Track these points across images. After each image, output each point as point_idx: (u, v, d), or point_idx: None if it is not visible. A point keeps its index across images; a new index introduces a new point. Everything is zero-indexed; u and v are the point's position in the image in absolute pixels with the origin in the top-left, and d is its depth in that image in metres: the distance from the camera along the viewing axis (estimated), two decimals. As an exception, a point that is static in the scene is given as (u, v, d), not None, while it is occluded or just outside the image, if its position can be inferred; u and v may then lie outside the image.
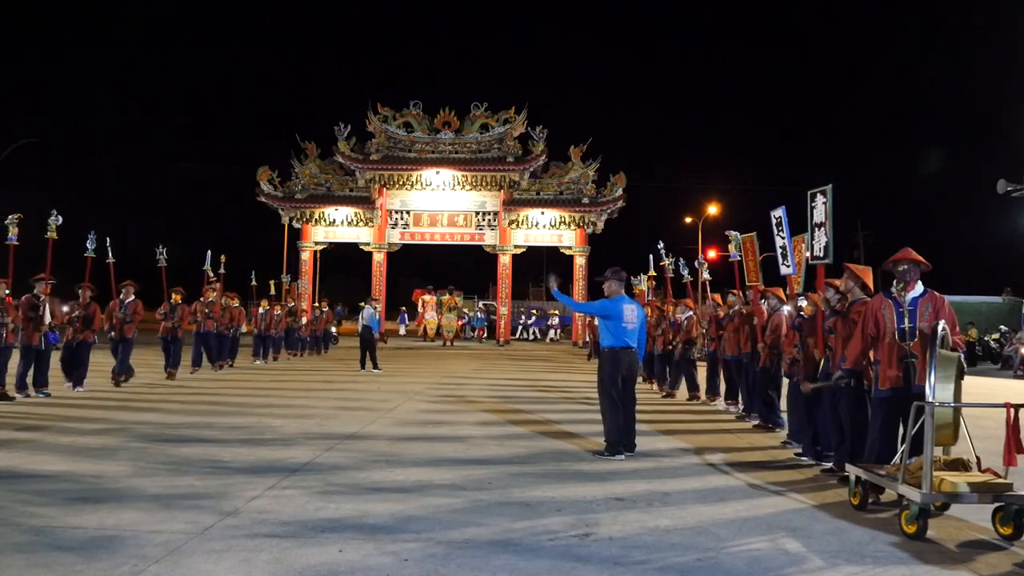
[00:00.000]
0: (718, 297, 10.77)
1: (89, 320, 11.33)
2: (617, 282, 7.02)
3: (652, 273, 16.59)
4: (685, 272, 12.87)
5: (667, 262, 13.49)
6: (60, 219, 11.41)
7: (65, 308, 11.08)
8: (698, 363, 11.97)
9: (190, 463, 5.98)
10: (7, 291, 10.00)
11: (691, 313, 11.68)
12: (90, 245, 12.11)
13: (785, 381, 7.76)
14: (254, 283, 20.16)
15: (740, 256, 10.02)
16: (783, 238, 8.20)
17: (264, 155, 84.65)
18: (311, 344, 21.67)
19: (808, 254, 7.28)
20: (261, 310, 17.70)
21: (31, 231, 11.18)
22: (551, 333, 35.72)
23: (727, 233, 10.32)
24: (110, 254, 12.50)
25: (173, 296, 13.56)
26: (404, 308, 38.43)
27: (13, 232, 10.66)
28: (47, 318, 10.32)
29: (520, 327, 35.67)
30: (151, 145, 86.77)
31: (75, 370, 11.18)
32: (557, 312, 37.01)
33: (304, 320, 20.62)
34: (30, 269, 10.69)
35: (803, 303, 7.24)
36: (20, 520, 4.33)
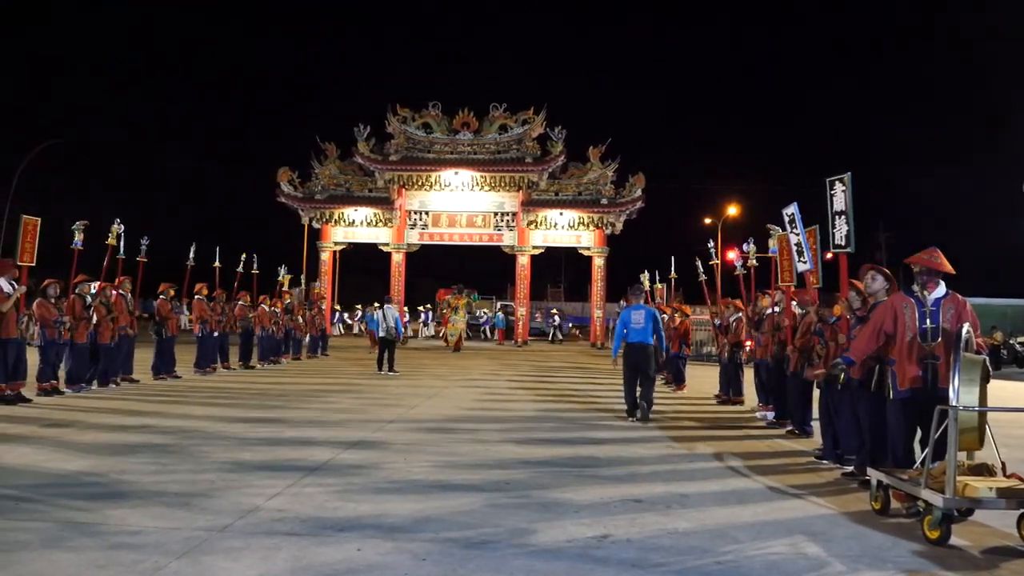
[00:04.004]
0: (763, 298, 10.12)
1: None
2: (635, 295, 9.57)
3: (664, 278, 16.81)
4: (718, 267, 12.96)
5: (715, 262, 13.39)
6: (122, 227, 11.77)
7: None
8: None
9: (211, 461, 6.05)
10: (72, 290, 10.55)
11: (740, 315, 11.15)
12: (144, 247, 12.87)
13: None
14: (318, 289, 20.33)
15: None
16: (797, 234, 8.10)
17: (284, 155, 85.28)
18: (308, 346, 20.12)
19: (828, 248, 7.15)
20: (267, 309, 17.09)
21: (59, 231, 11.39)
22: (561, 332, 35.52)
23: (768, 227, 9.64)
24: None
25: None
26: (405, 307, 38.12)
27: (79, 238, 10.96)
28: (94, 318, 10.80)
29: (552, 328, 35.28)
30: (169, 145, 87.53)
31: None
32: (557, 312, 36.91)
33: (301, 319, 19.48)
34: (45, 270, 10.88)
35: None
36: (44, 515, 4.40)
